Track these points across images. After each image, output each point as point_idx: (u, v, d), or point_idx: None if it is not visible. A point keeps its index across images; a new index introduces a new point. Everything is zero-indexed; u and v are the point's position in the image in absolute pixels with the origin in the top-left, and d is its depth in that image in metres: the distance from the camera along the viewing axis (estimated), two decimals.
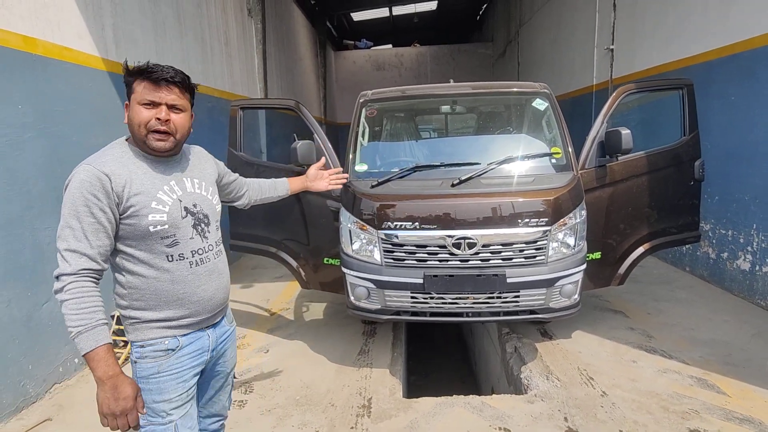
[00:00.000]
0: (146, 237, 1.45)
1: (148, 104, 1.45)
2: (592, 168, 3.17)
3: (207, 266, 1.58)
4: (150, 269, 1.47)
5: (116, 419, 1.37)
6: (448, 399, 2.90)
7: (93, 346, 1.33)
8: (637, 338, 3.55)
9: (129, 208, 1.41)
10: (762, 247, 4.00)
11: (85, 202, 1.36)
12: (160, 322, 1.50)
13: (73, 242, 1.36)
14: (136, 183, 1.43)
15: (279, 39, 9.64)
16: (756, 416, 2.56)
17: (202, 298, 1.56)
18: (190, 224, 1.54)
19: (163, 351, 1.50)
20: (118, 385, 1.37)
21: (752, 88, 4.02)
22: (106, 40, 3.78)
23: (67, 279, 1.34)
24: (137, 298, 1.48)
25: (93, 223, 1.37)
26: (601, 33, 6.96)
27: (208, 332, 1.62)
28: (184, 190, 1.55)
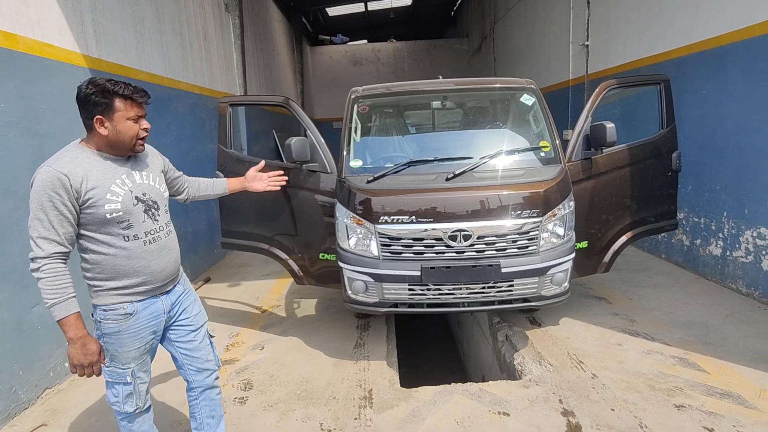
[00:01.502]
0: (104, 222, 1.74)
1: (135, 119, 1.79)
2: (578, 161, 3.30)
3: (158, 244, 1.90)
4: (109, 248, 1.77)
5: (84, 369, 1.74)
6: (446, 387, 2.98)
7: (65, 314, 1.67)
8: (621, 323, 3.72)
9: (87, 201, 1.70)
10: (732, 234, 4.23)
11: (49, 198, 1.64)
12: (118, 290, 1.80)
13: (42, 231, 1.65)
14: (92, 179, 1.71)
15: (256, 34, 9.51)
16: (735, 390, 2.74)
17: (154, 270, 1.88)
18: (141, 210, 1.84)
19: (122, 315, 1.82)
20: (86, 343, 1.72)
21: (722, 83, 4.24)
22: (87, 36, 3.68)
23: (42, 261, 1.65)
24: (99, 272, 1.79)
25: (57, 215, 1.65)
26: (576, 29, 7.16)
27: (161, 298, 1.95)
28: (134, 182, 1.84)
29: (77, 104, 1.75)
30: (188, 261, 5.31)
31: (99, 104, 1.71)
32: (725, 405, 2.61)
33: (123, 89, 1.74)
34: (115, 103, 1.73)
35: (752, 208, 3.98)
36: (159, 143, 4.71)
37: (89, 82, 1.72)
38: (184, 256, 1.99)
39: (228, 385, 3.11)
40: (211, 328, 4.05)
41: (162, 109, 4.87)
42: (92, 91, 1.70)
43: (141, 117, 1.82)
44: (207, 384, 2.15)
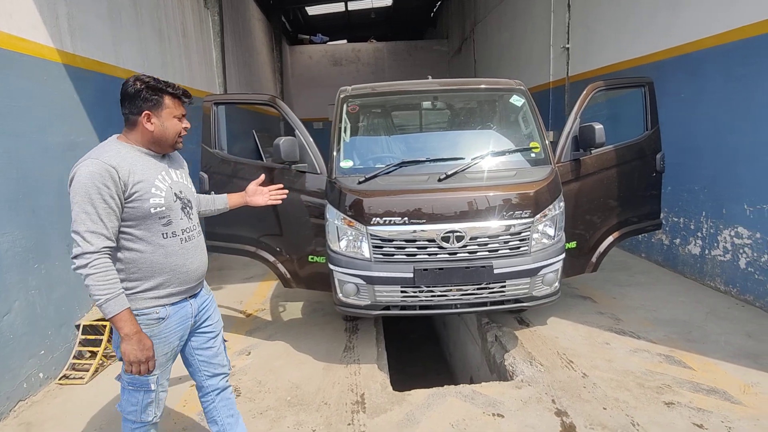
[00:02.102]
0: (147, 217, 1.73)
1: (179, 117, 1.83)
2: (567, 161, 3.32)
3: (193, 242, 1.90)
4: (147, 245, 1.75)
5: (140, 366, 1.69)
6: (440, 389, 2.96)
7: (120, 309, 1.64)
8: (607, 321, 3.77)
9: (134, 194, 1.68)
10: (710, 233, 4.35)
11: (98, 190, 1.60)
12: (152, 291, 1.77)
13: (91, 225, 1.60)
14: (137, 172, 1.70)
15: (236, 32, 9.33)
16: (720, 386, 2.80)
17: (189, 269, 1.87)
18: (179, 207, 1.85)
19: (154, 320, 1.78)
20: (142, 339, 1.69)
21: (700, 86, 4.36)
22: (61, 30, 3.52)
23: (91, 257, 1.59)
24: (134, 271, 1.74)
25: (106, 208, 1.62)
26: (557, 32, 7.27)
27: (190, 301, 1.93)
28: (172, 179, 1.85)
29: (123, 99, 1.76)
30: None
31: (149, 100, 1.74)
32: (712, 401, 2.66)
33: (173, 88, 1.79)
34: (165, 101, 1.77)
35: (730, 208, 4.10)
36: None
37: (136, 79, 1.75)
38: None
39: None
40: None
41: None
42: (142, 87, 1.73)
43: (183, 116, 1.86)
44: (222, 386, 2.13)
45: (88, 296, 3.66)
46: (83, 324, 3.46)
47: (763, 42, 3.65)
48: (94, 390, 3.11)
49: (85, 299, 3.62)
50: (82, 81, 3.72)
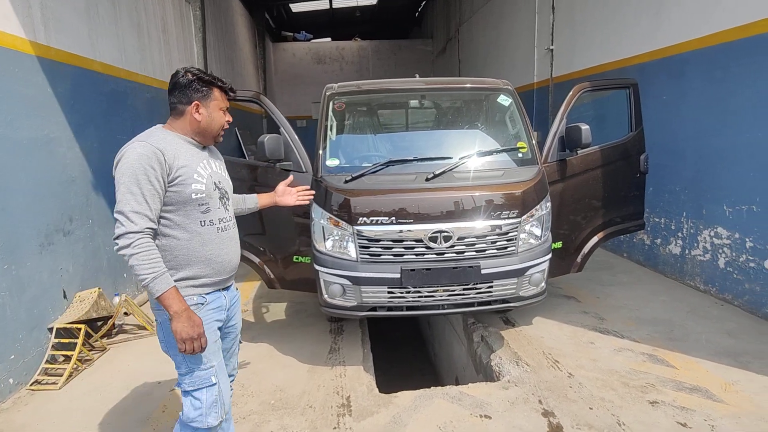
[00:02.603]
0: (187, 202, 1.74)
1: (224, 111, 1.86)
2: (553, 162, 3.33)
3: (229, 233, 1.90)
4: (184, 232, 1.75)
5: (193, 342, 1.66)
6: (426, 391, 2.92)
7: (167, 287, 1.63)
8: (591, 321, 3.80)
9: (177, 177, 1.70)
10: (691, 233, 4.43)
11: (145, 171, 1.62)
12: (188, 281, 1.76)
13: (135, 205, 1.60)
14: (181, 157, 1.73)
15: (218, 28, 9.16)
16: (702, 385, 2.84)
17: (224, 259, 1.86)
18: (218, 196, 1.86)
19: (194, 305, 1.76)
20: (191, 315, 1.67)
21: (681, 89, 4.43)
22: (34, 20, 3.37)
23: (135, 236, 1.59)
24: (170, 259, 1.73)
25: (151, 189, 1.63)
26: (541, 33, 7.32)
27: (223, 294, 1.91)
28: (212, 169, 1.87)
29: (172, 89, 1.79)
30: None
31: (200, 91, 1.78)
32: (695, 399, 2.69)
33: (222, 82, 1.84)
34: (214, 93, 1.82)
35: (710, 209, 4.18)
36: (114, 140, 4.45)
37: (187, 70, 1.79)
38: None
39: None
40: None
41: (117, 103, 4.56)
42: (194, 78, 1.77)
43: (227, 110, 1.90)
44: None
45: (62, 297, 3.53)
46: (57, 327, 3.32)
47: (743, 46, 3.72)
48: (68, 396, 2.99)
49: (59, 301, 3.48)
50: (56, 74, 3.58)
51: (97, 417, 2.75)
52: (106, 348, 3.64)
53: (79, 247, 3.79)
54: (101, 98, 4.26)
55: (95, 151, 4.11)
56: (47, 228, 3.40)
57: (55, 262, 3.47)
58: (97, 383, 3.14)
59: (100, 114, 4.22)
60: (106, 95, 4.33)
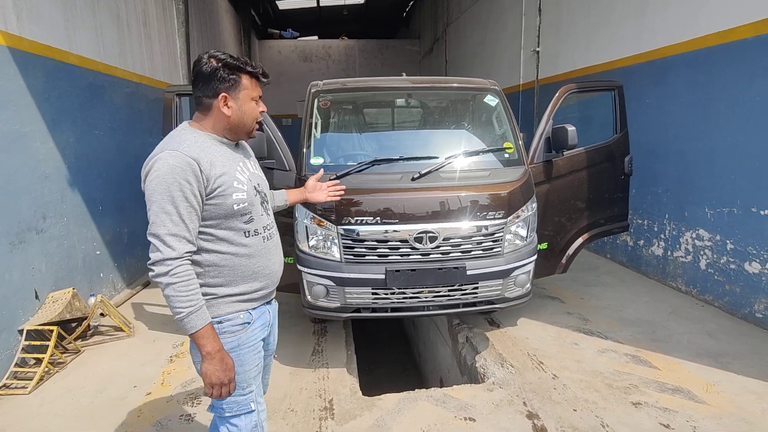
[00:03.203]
0: (229, 215, 1.52)
1: (256, 100, 1.59)
2: (539, 163, 3.32)
3: (274, 240, 1.70)
4: (230, 246, 1.54)
5: (221, 388, 1.49)
6: (410, 393, 2.88)
7: (202, 325, 1.44)
8: (575, 322, 3.81)
9: (216, 189, 1.47)
10: (673, 235, 4.48)
11: (180, 187, 1.40)
12: (235, 297, 1.57)
13: (172, 227, 1.41)
14: (218, 165, 1.49)
15: (202, 23, 9.00)
16: (684, 386, 2.86)
17: (271, 270, 1.67)
18: (259, 202, 1.63)
19: (240, 325, 1.57)
20: (224, 357, 1.48)
21: (665, 92, 4.47)
22: (6, 9, 3.23)
23: (173, 263, 1.40)
24: (214, 276, 1.54)
25: (187, 207, 1.42)
26: (527, 35, 7.35)
27: (267, 308, 1.71)
28: (249, 171, 1.62)
29: (195, 80, 1.53)
30: (125, 264, 4.87)
31: (226, 80, 1.51)
32: (677, 400, 2.71)
33: (252, 66, 1.54)
34: (243, 81, 1.53)
35: (691, 211, 4.23)
36: (91, 135, 4.32)
37: (210, 56, 1.51)
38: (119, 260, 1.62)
39: (173, 401, 2.83)
40: (152, 338, 3.75)
41: (95, 97, 4.42)
42: (218, 65, 1.49)
43: (260, 98, 1.62)
44: None
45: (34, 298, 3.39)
46: (27, 329, 3.19)
47: (726, 50, 3.77)
48: (38, 400, 2.87)
49: (30, 302, 3.35)
50: (29, 66, 3.44)
51: (69, 422, 2.64)
52: (80, 350, 3.52)
53: (53, 246, 3.66)
54: (78, 92, 4.12)
55: (71, 146, 3.97)
56: (18, 226, 3.27)
57: (27, 262, 3.34)
58: (69, 387, 3.02)
59: (76, 108, 4.08)
60: (82, 89, 4.20)
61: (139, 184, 1.50)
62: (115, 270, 4.68)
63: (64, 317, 3.42)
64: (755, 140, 3.56)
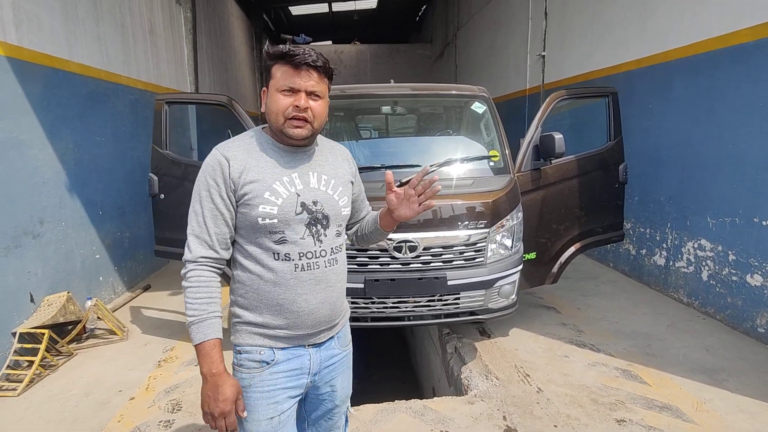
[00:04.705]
0: (255, 229, 1.35)
1: (288, 91, 1.32)
2: (527, 171, 3.26)
3: (314, 273, 1.39)
4: (256, 265, 1.37)
5: (214, 420, 1.29)
6: (389, 405, 2.85)
7: (201, 340, 1.29)
8: (569, 333, 3.72)
9: (243, 196, 1.33)
10: (675, 244, 4.34)
11: (207, 186, 1.33)
12: (257, 327, 1.38)
13: (196, 227, 1.33)
14: (254, 170, 1.34)
15: (212, 30, 9.15)
16: (673, 403, 2.75)
17: (301, 308, 1.38)
18: (303, 222, 1.37)
19: (257, 362, 1.37)
20: (219, 385, 1.28)
21: (667, 98, 4.35)
22: (4, 20, 3.34)
23: (189, 266, 1.32)
24: (242, 295, 1.39)
25: (212, 209, 1.33)
26: (534, 40, 7.26)
27: (309, 351, 1.44)
28: (306, 185, 1.40)
29: None
30: (125, 268, 4.96)
31: (265, 71, 1.37)
32: (664, 419, 2.61)
33: (282, 48, 1.31)
34: (272, 71, 1.34)
35: (694, 220, 4.09)
36: (92, 141, 4.41)
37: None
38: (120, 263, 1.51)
39: (155, 406, 2.86)
40: (144, 341, 3.80)
41: (97, 105, 4.52)
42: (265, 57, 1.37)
43: (297, 91, 1.31)
44: None
45: (29, 301, 3.48)
46: (20, 332, 3.27)
47: (727, 55, 3.65)
48: (26, 402, 2.93)
49: (25, 305, 3.43)
50: (28, 75, 3.54)
51: (50, 425, 2.69)
52: (73, 353, 3.58)
53: (50, 250, 3.74)
54: (78, 99, 4.22)
55: (71, 152, 4.07)
56: (14, 230, 3.36)
57: (22, 265, 3.42)
58: (57, 390, 3.08)
59: (76, 115, 4.18)
60: (83, 97, 4.30)
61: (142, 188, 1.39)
62: (115, 273, 4.77)
63: (58, 320, 3.50)
64: (758, 148, 3.43)
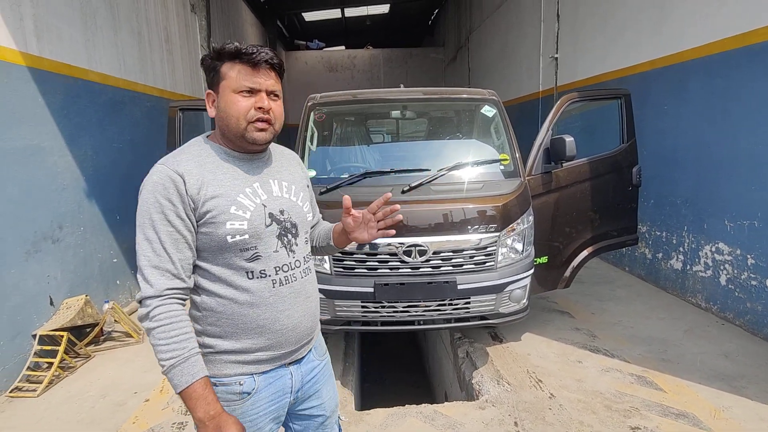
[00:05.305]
0: (223, 249, 1.22)
1: (247, 92, 1.22)
2: (538, 174, 3.24)
3: (293, 286, 1.31)
4: (227, 288, 1.24)
5: None
6: (400, 409, 2.85)
7: (189, 382, 1.14)
8: (582, 338, 3.67)
9: (205, 214, 1.20)
10: (692, 248, 4.25)
11: (160, 208, 1.16)
12: (236, 355, 1.26)
13: (153, 257, 1.16)
14: (213, 184, 1.22)
15: (226, 37, 9.29)
16: (690, 410, 2.69)
17: (285, 326, 1.29)
18: (274, 234, 1.28)
19: (236, 394, 1.26)
20: (222, 426, 1.15)
21: (683, 99, 4.28)
22: (26, 32, 3.45)
23: (153, 303, 1.15)
24: (212, 323, 1.25)
25: (171, 233, 1.17)
26: (546, 42, 7.21)
27: (291, 369, 1.35)
28: (270, 194, 1.31)
29: None
30: None
31: (209, 72, 1.24)
32: (680, 426, 2.55)
33: (231, 46, 1.21)
34: (221, 69, 1.22)
35: (711, 223, 4.01)
36: (110, 148, 4.52)
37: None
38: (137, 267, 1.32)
39: (168, 408, 2.90)
40: None
41: (115, 112, 4.63)
42: (207, 54, 1.25)
43: (256, 91, 1.22)
44: None
45: (49, 304, 3.57)
46: (40, 334, 3.36)
47: (744, 54, 3.58)
48: (45, 403, 3.01)
49: (45, 308, 3.52)
50: (48, 84, 3.65)
51: (68, 426, 2.75)
52: (91, 355, 3.66)
53: (68, 255, 3.84)
54: (96, 107, 4.33)
55: (89, 159, 4.18)
56: (34, 236, 3.45)
57: (42, 270, 3.52)
58: (74, 391, 3.15)
59: (95, 123, 4.29)
60: (101, 104, 4.41)
61: None
62: (132, 277, 4.86)
63: (76, 323, 3.58)
64: None
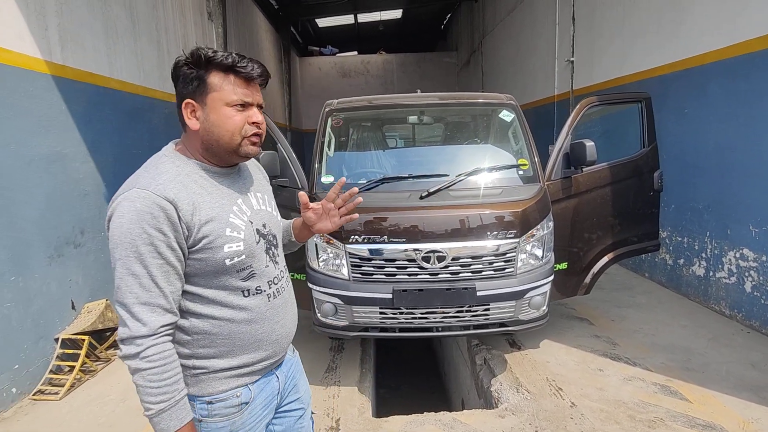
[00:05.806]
0: (220, 272, 1.17)
1: (240, 106, 1.16)
2: (558, 179, 3.20)
3: (283, 296, 1.33)
4: (223, 309, 1.20)
5: None
6: (418, 417, 2.82)
7: (178, 426, 1.10)
8: (603, 346, 3.60)
9: (201, 240, 1.13)
10: (715, 254, 4.16)
11: (149, 240, 1.06)
12: (233, 370, 1.23)
13: (142, 293, 1.07)
14: (204, 207, 1.14)
15: (241, 44, 9.41)
16: (717, 421, 2.62)
17: (280, 335, 1.30)
18: (263, 250, 1.27)
19: (236, 407, 1.23)
20: None
21: (704, 102, 4.20)
22: (50, 41, 3.53)
23: (146, 342, 1.07)
24: (205, 345, 1.20)
25: (162, 265, 1.08)
26: (562, 45, 7.16)
27: (276, 373, 1.36)
28: (252, 209, 1.27)
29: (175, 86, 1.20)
30: None
31: (190, 80, 1.14)
32: None
33: (224, 57, 1.13)
34: (209, 79, 1.13)
35: (735, 229, 3.92)
36: (129, 154, 4.59)
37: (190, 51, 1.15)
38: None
39: None
40: None
41: (135, 119, 4.71)
42: (185, 60, 1.14)
43: (249, 105, 1.18)
44: None
45: (71, 308, 3.62)
46: (62, 338, 3.41)
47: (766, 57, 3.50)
48: (67, 406, 3.05)
49: (67, 312, 3.58)
50: (71, 92, 3.72)
51: (88, 429, 2.78)
52: (111, 359, 3.71)
53: (90, 259, 3.90)
54: (117, 114, 4.40)
55: (110, 165, 4.24)
56: (57, 240, 3.51)
57: (65, 274, 3.58)
58: (95, 394, 3.19)
59: (115, 130, 4.37)
60: (122, 112, 4.48)
61: None
62: None
63: (97, 327, 3.63)
64: None
